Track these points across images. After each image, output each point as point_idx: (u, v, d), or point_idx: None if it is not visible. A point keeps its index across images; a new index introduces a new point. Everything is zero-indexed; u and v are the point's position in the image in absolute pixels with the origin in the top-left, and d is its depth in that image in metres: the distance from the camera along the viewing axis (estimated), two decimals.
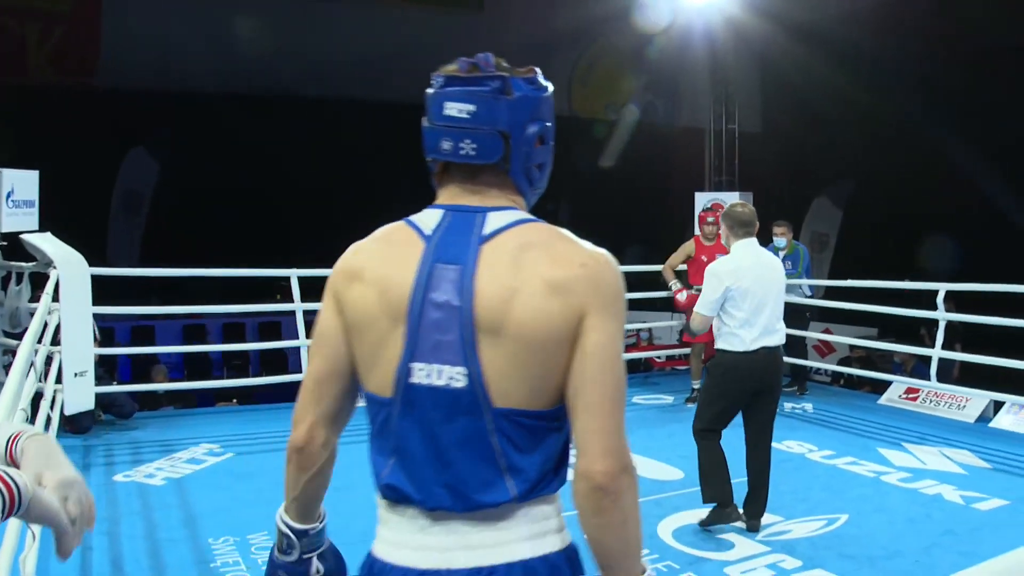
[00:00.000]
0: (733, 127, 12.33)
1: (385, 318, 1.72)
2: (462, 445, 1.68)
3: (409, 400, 1.71)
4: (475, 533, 1.69)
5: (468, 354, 1.66)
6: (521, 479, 1.67)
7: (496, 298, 1.65)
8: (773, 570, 4.62)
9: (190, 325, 16.06)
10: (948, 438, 7.52)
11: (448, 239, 1.73)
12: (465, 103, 1.74)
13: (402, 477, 1.75)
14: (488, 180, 1.78)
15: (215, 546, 4.85)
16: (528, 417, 1.67)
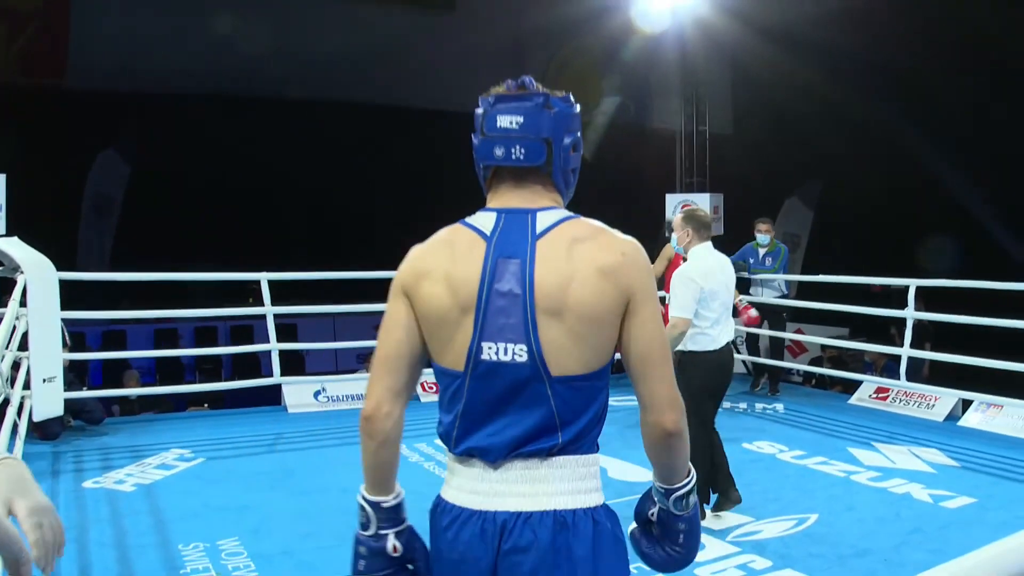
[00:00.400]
0: (704, 129, 12.37)
1: (456, 308, 2.00)
2: (523, 407, 1.98)
3: (479, 373, 1.99)
4: (524, 483, 1.98)
5: (529, 333, 1.95)
6: (569, 430, 1.98)
7: (554, 285, 1.96)
8: (743, 570, 4.64)
9: (162, 329, 15.96)
10: (917, 437, 7.58)
11: (507, 237, 2.02)
12: (515, 115, 2.06)
13: (470, 435, 2.02)
14: (533, 181, 2.09)
15: (184, 552, 4.82)
16: (580, 380, 1.98)
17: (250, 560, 4.70)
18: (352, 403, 8.75)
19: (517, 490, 1.99)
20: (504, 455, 1.99)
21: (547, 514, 1.97)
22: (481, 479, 2.02)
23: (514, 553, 1.96)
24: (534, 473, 1.99)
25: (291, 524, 5.30)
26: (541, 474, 1.99)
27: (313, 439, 7.57)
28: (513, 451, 1.98)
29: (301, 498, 5.86)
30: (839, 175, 16.22)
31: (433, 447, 7.19)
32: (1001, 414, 7.90)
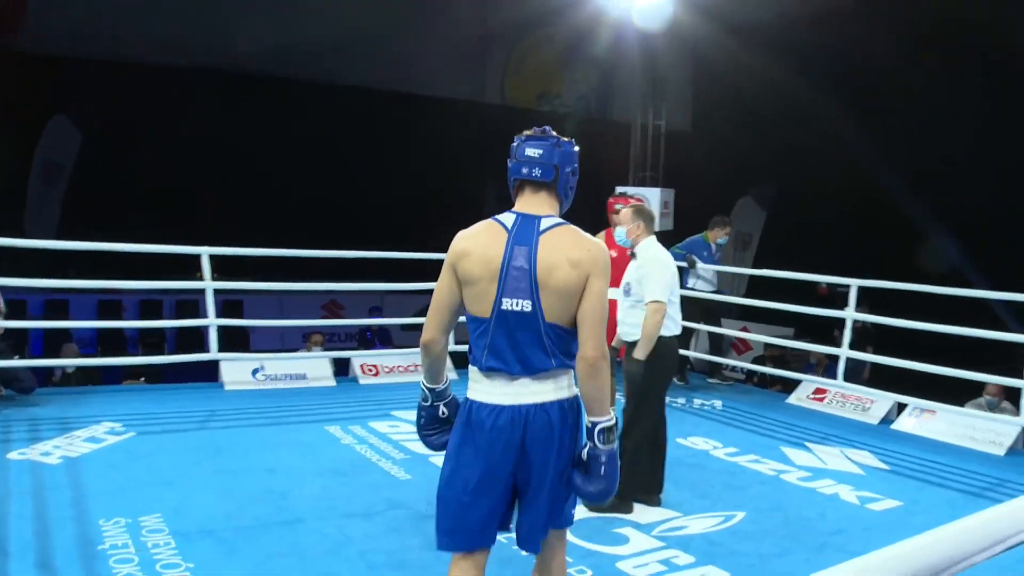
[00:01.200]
0: (660, 123, 12.37)
1: (487, 276, 3.07)
2: (528, 340, 3.06)
3: (500, 318, 3.06)
4: (532, 385, 3.08)
5: (533, 293, 3.03)
6: (556, 358, 3.08)
7: (545, 268, 3.02)
8: (665, 565, 4.65)
9: (106, 301, 15.75)
10: (850, 439, 7.64)
11: (521, 232, 3.09)
12: (537, 148, 3.17)
13: (494, 359, 3.08)
14: (543, 193, 3.18)
15: (105, 527, 4.73)
16: (561, 329, 3.07)
17: (170, 537, 4.63)
18: (291, 382, 8.67)
19: (530, 392, 3.08)
20: (522, 373, 3.07)
21: (552, 404, 3.10)
22: (506, 386, 3.09)
23: (537, 430, 3.08)
24: (540, 383, 3.09)
25: (214, 503, 5.23)
26: (544, 383, 3.10)
27: (246, 417, 7.49)
28: (527, 371, 3.07)
29: (227, 477, 5.78)
30: (796, 177, 16.31)
31: (367, 430, 7.15)
32: (934, 419, 7.98)
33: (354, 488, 5.69)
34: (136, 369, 10.08)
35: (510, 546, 4.09)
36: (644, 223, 5.55)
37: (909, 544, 1.62)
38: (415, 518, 5.17)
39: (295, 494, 5.48)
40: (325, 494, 5.52)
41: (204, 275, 8.19)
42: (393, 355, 9.64)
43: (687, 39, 13.17)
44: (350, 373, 9.16)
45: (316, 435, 6.99)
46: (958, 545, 1.70)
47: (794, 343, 10.86)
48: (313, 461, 6.24)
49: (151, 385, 9.11)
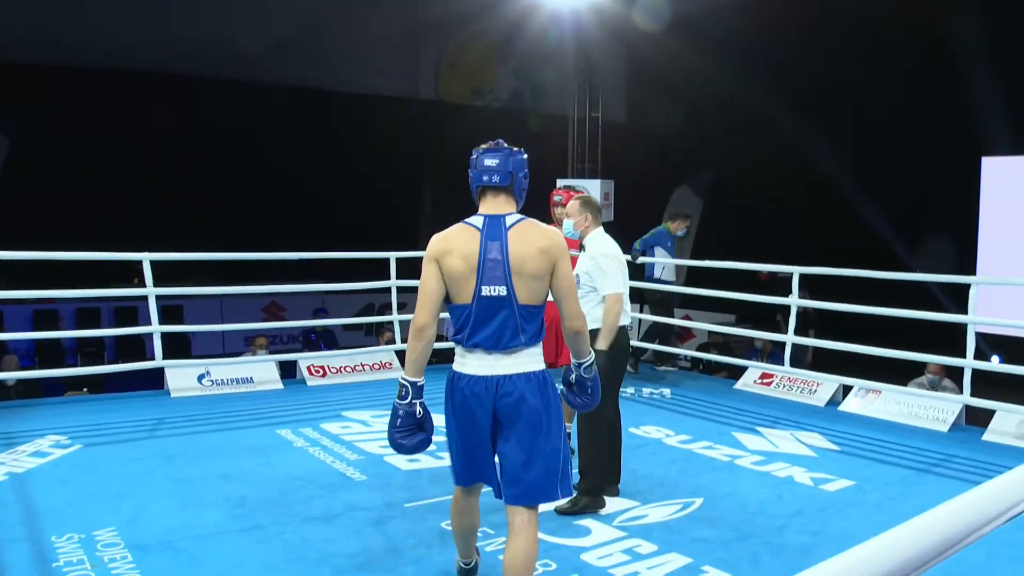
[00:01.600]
0: (597, 115, 12.42)
1: (467, 270, 3.60)
2: (503, 321, 3.60)
3: (480, 303, 3.60)
4: (506, 359, 3.63)
5: (507, 280, 3.58)
6: (526, 335, 3.64)
7: (517, 258, 3.59)
8: (629, 555, 4.66)
9: (42, 310, 15.42)
10: (800, 422, 7.75)
11: (490, 230, 3.64)
12: (494, 159, 3.73)
13: (476, 337, 3.62)
14: (503, 195, 3.74)
15: (58, 544, 4.62)
16: (531, 308, 3.63)
17: (127, 551, 4.53)
18: (237, 387, 8.56)
19: (503, 364, 3.63)
20: (495, 348, 3.61)
21: (520, 376, 3.64)
22: (483, 359, 3.64)
23: (508, 397, 3.62)
24: (511, 357, 3.64)
25: (170, 513, 5.14)
26: (514, 357, 3.64)
27: (195, 424, 7.36)
28: (501, 347, 3.61)
29: (181, 485, 5.69)
30: (730, 166, 16.48)
31: (319, 432, 7.09)
32: (879, 399, 8.12)
33: (311, 491, 5.63)
34: (78, 379, 9.85)
35: None
36: (592, 214, 5.57)
37: (908, 528, 1.62)
38: (375, 520, 5.13)
39: (252, 500, 5.41)
40: (282, 499, 5.45)
41: (146, 281, 8.05)
42: (340, 356, 9.54)
43: (619, 31, 13.24)
44: (297, 375, 9.07)
45: (268, 439, 6.90)
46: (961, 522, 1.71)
47: (739, 330, 10.98)
48: (267, 466, 6.16)
49: (95, 395, 8.90)
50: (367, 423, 7.42)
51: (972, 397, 7.45)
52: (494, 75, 19.62)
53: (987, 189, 11.87)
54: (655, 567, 4.51)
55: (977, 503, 1.80)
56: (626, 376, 9.13)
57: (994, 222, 11.73)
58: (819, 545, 4.85)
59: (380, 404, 8.16)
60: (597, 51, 12.97)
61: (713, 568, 4.49)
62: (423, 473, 6.06)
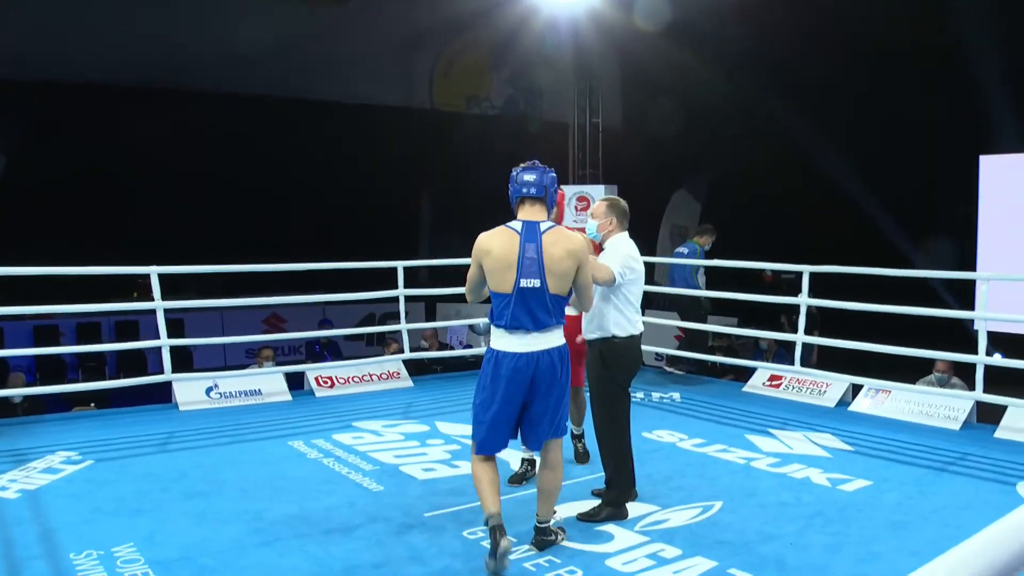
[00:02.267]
0: (597, 121, 12.42)
1: (505, 266, 4.47)
2: (537, 307, 4.47)
3: (519, 293, 4.45)
4: (540, 338, 4.52)
5: (541, 275, 4.44)
6: (554, 318, 4.54)
7: (550, 258, 4.46)
8: (653, 559, 4.64)
9: (42, 326, 15.36)
10: (811, 423, 7.74)
11: (528, 234, 4.49)
12: (532, 175, 4.58)
13: (515, 320, 4.47)
14: (537, 205, 4.58)
15: (77, 561, 4.58)
16: (558, 297, 4.53)
17: (148, 567, 4.50)
18: (246, 399, 8.53)
19: (540, 342, 4.53)
20: (534, 328, 4.50)
21: (554, 350, 4.57)
22: (523, 338, 4.51)
23: (544, 367, 4.54)
24: (545, 335, 4.55)
25: (188, 528, 5.10)
26: (548, 335, 4.56)
27: (206, 437, 7.32)
28: (537, 327, 4.51)
29: (197, 500, 5.65)
30: (728, 168, 16.49)
31: (331, 443, 7.06)
32: (889, 399, 8.11)
33: (329, 503, 5.60)
34: (83, 395, 9.79)
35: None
36: (617, 218, 5.51)
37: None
38: (396, 530, 5.10)
39: (270, 513, 5.37)
40: (301, 512, 5.41)
41: (154, 295, 8.01)
42: (347, 366, 9.51)
43: (616, 36, 13.24)
44: (305, 386, 9.03)
45: (281, 451, 6.87)
46: None
47: (743, 331, 10.96)
48: (283, 478, 6.13)
49: (103, 410, 8.84)
50: (379, 433, 7.40)
51: (984, 394, 7.45)
52: (488, 83, 19.64)
53: (985, 187, 11.88)
54: (681, 571, 4.49)
55: None
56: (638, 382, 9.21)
57: (993, 220, 11.74)
58: (843, 545, 4.84)
59: (390, 414, 8.14)
60: (595, 57, 12.98)
61: (740, 571, 4.47)
62: (439, 482, 6.03)
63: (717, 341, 12.20)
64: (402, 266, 9.25)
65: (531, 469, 5.97)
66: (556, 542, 4.84)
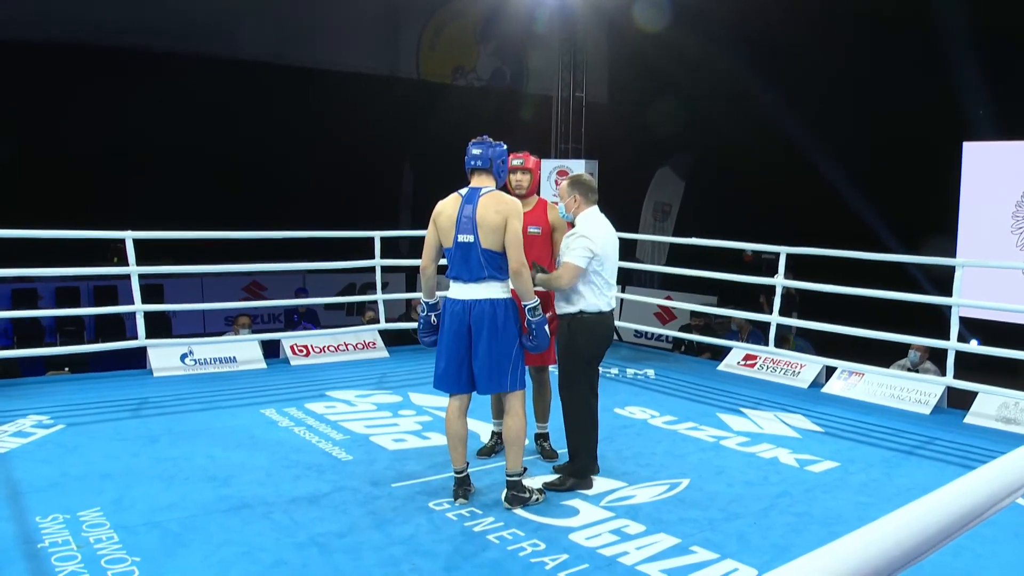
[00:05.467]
0: (581, 95, 12.37)
1: (450, 224, 5.02)
2: (472, 259, 4.98)
3: (457, 246, 5.00)
4: (476, 287, 5.01)
5: (474, 231, 4.96)
6: (488, 271, 4.98)
7: (481, 216, 4.95)
8: (617, 535, 4.67)
9: (20, 289, 15.28)
10: (783, 403, 7.78)
11: (469, 198, 5.04)
12: (479, 148, 5.15)
13: (455, 271, 5.04)
14: (483, 174, 5.13)
15: (43, 525, 4.58)
16: (491, 252, 4.97)
17: (113, 532, 4.50)
18: (221, 366, 8.51)
19: (474, 292, 5.00)
20: (469, 280, 5.00)
21: (486, 300, 5.00)
22: (461, 288, 5.03)
23: (476, 314, 5.00)
24: (480, 286, 5.00)
25: (156, 494, 5.11)
26: (483, 286, 5.00)
27: (179, 403, 7.32)
28: (472, 278, 4.99)
29: (166, 466, 5.65)
30: (712, 146, 16.48)
31: (303, 412, 7.07)
32: (862, 381, 8.16)
33: (297, 471, 5.61)
34: (59, 359, 9.75)
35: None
36: (580, 194, 5.47)
37: (903, 513, 1.60)
38: (362, 499, 5.12)
39: (238, 480, 5.38)
40: (269, 479, 5.43)
41: (129, 260, 7.98)
42: (323, 335, 9.50)
43: (602, 10, 13.18)
44: (280, 355, 9.02)
45: (253, 419, 6.87)
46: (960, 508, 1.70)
47: (720, 310, 11.00)
48: (252, 446, 6.13)
49: (76, 375, 8.81)
50: (351, 403, 7.40)
51: (955, 380, 7.50)
52: (475, 55, 19.53)
53: (968, 174, 11.90)
54: (643, 547, 4.51)
55: (975, 488, 1.79)
56: (614, 359, 9.23)
57: (974, 207, 11.78)
58: (806, 526, 4.87)
59: (364, 384, 8.14)
60: (581, 31, 12.92)
61: (701, 548, 4.50)
62: (409, 453, 6.05)
63: (695, 320, 12.23)
64: (379, 236, 9.23)
65: (500, 443, 5.99)
66: (529, 500, 5.09)
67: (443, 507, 5.01)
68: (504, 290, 5.04)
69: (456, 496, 5.13)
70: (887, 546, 1.48)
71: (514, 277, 4.98)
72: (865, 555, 1.43)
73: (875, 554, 1.45)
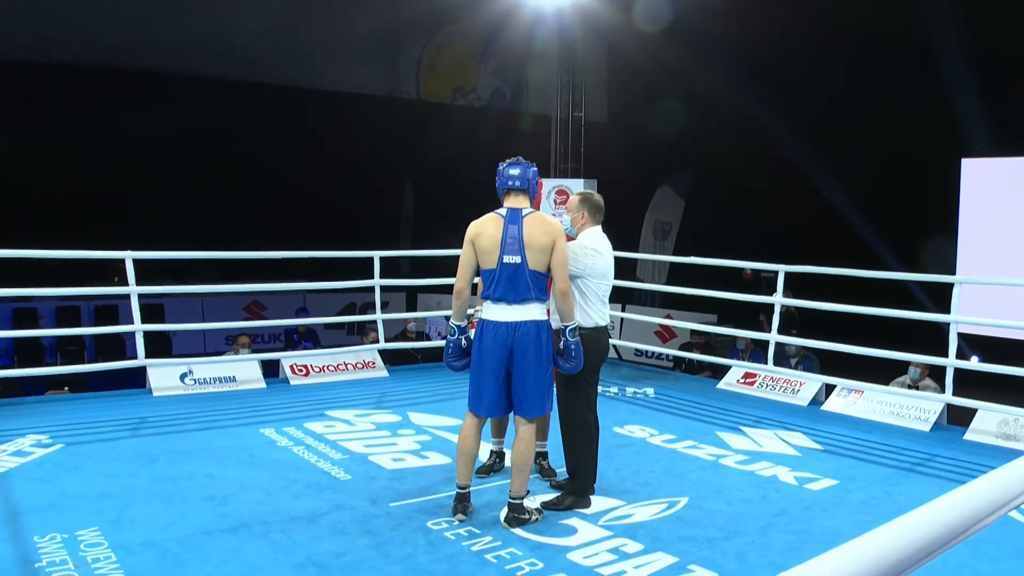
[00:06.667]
0: (580, 115, 12.40)
1: (493, 245, 5.03)
2: (518, 281, 5.01)
3: (503, 268, 5.00)
4: (519, 309, 5.02)
5: (521, 252, 5.00)
6: (533, 293, 5.02)
7: (528, 237, 5.01)
8: (615, 554, 4.66)
9: (21, 309, 15.28)
10: (783, 421, 7.78)
11: (511, 218, 5.07)
12: (517, 169, 5.18)
13: (499, 293, 5.01)
14: (521, 195, 5.17)
15: (41, 545, 4.57)
16: (537, 273, 5.03)
17: (111, 551, 4.49)
18: (220, 386, 8.52)
19: (519, 313, 5.02)
20: (514, 301, 5.00)
21: (531, 322, 5.03)
22: (504, 309, 5.02)
23: (521, 336, 5.01)
24: (524, 308, 5.02)
25: (154, 513, 5.10)
26: (527, 308, 5.02)
27: (178, 423, 7.31)
28: (517, 300, 5.00)
29: (165, 485, 5.64)
30: (712, 165, 16.50)
31: (303, 431, 7.06)
32: (862, 399, 8.16)
33: (295, 491, 5.60)
34: (58, 378, 9.76)
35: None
36: (588, 212, 5.56)
37: (895, 526, 1.61)
38: (361, 518, 5.11)
39: (237, 499, 5.38)
40: (267, 498, 5.42)
41: (129, 279, 7.99)
42: (323, 355, 9.51)
43: (601, 31, 13.23)
44: (280, 374, 9.03)
45: (252, 438, 6.87)
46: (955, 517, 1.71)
47: (720, 329, 11.00)
48: (251, 465, 6.13)
49: (76, 394, 8.81)
50: (351, 422, 7.40)
51: (954, 396, 7.50)
52: (475, 75, 19.61)
53: (967, 190, 11.94)
54: (641, 566, 4.51)
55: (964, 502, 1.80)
56: (612, 377, 9.23)
57: (974, 223, 11.81)
58: (804, 544, 4.87)
59: (363, 403, 8.14)
60: (580, 50, 12.96)
61: (700, 567, 4.49)
62: (408, 472, 6.05)
63: (695, 338, 12.23)
64: (379, 256, 9.25)
65: (499, 462, 6.00)
66: (529, 520, 5.10)
67: (441, 526, 5.00)
68: (543, 312, 5.11)
69: (455, 512, 5.13)
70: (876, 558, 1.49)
71: (560, 298, 5.07)
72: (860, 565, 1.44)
73: (871, 564, 1.46)
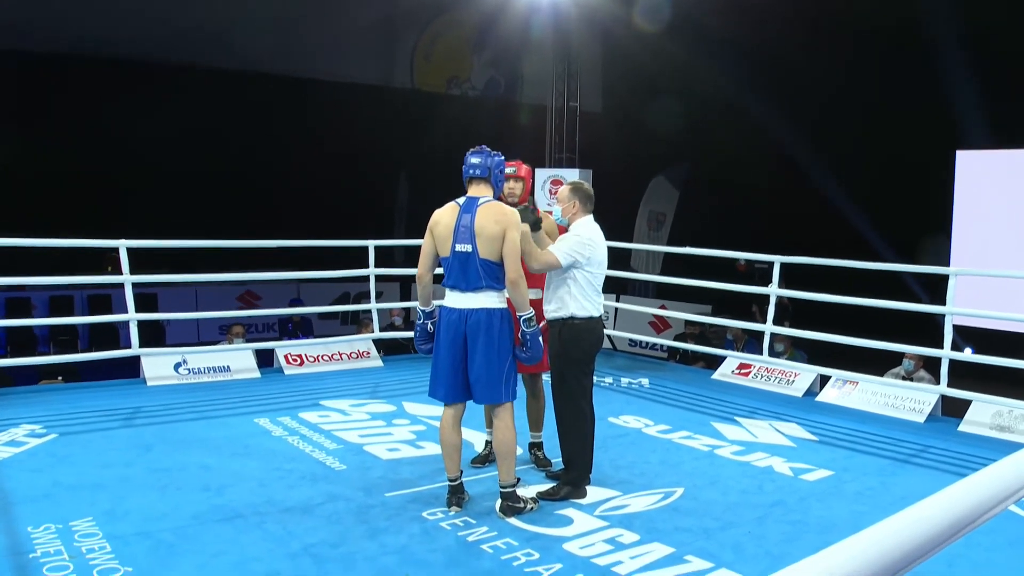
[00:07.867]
0: (575, 105, 12.39)
1: (448, 233, 5.01)
2: (470, 269, 4.96)
3: (455, 256, 4.99)
4: (473, 296, 4.99)
5: (472, 240, 4.94)
6: (485, 281, 4.97)
7: (480, 226, 4.94)
8: (611, 544, 4.65)
9: (14, 298, 15.24)
10: (778, 412, 7.78)
11: (467, 206, 5.03)
12: (477, 158, 5.13)
13: (452, 280, 5.02)
14: (482, 184, 5.13)
15: (35, 535, 4.55)
16: (489, 262, 4.95)
17: (105, 541, 4.48)
18: (215, 375, 8.49)
19: (470, 301, 4.99)
20: (466, 289, 4.98)
21: (482, 309, 4.99)
22: (458, 297, 5.01)
23: (472, 323, 4.98)
24: (477, 296, 4.98)
25: (149, 503, 5.08)
26: (479, 296, 4.98)
27: (172, 413, 7.30)
28: (469, 288, 4.98)
29: (159, 475, 5.63)
30: (708, 156, 16.49)
31: (297, 421, 7.05)
32: (856, 390, 8.17)
33: (290, 481, 5.59)
34: (52, 368, 9.73)
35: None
36: (580, 202, 5.53)
37: (897, 520, 1.60)
38: (356, 508, 5.11)
39: (232, 490, 5.36)
40: (262, 489, 5.41)
41: (123, 268, 7.96)
42: (317, 344, 9.49)
43: (596, 20, 13.20)
44: (274, 364, 9.01)
45: (246, 428, 6.85)
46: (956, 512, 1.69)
47: (714, 319, 11.00)
48: (246, 455, 6.12)
49: (69, 384, 8.78)
50: (346, 412, 7.39)
51: (949, 388, 7.51)
52: (470, 65, 19.56)
53: (961, 183, 11.94)
54: (638, 556, 4.50)
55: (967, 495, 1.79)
56: (608, 367, 9.22)
57: (968, 216, 11.81)
58: (800, 534, 4.87)
59: (358, 393, 8.13)
60: (575, 40, 12.94)
61: (696, 557, 4.49)
62: (403, 462, 6.04)
63: (689, 328, 12.23)
64: (373, 245, 9.23)
65: (493, 451, 5.99)
66: (523, 510, 5.10)
67: (437, 516, 5.00)
68: (500, 300, 5.01)
69: (450, 504, 5.14)
70: (879, 553, 1.48)
71: (511, 287, 4.96)
72: (857, 562, 1.43)
73: (868, 561, 1.44)
